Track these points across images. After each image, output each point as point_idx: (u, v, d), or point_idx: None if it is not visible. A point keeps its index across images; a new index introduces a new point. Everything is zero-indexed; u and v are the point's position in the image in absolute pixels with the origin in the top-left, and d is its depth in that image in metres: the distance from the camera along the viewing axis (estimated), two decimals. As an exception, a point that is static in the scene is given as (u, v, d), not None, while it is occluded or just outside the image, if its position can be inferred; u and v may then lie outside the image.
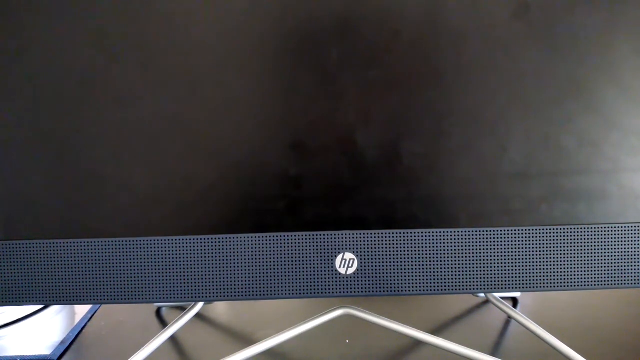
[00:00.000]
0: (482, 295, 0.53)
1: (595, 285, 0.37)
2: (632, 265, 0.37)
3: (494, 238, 0.37)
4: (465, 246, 0.37)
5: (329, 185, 0.36)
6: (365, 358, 0.43)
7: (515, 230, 0.37)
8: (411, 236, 0.37)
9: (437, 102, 0.36)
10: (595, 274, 0.37)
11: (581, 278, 0.37)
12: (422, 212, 0.36)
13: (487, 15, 0.35)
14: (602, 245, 0.37)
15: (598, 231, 0.37)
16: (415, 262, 0.37)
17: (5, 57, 0.35)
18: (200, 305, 0.48)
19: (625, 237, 0.37)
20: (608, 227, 0.37)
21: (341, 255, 0.37)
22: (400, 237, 0.37)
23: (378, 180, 0.36)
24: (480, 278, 0.37)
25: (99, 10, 0.34)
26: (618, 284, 0.37)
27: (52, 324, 0.51)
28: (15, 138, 0.35)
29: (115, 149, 0.36)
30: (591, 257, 0.37)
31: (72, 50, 0.35)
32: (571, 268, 0.37)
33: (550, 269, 0.37)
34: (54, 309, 0.53)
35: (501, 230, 0.36)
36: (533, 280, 0.37)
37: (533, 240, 0.37)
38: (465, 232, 0.36)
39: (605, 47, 0.35)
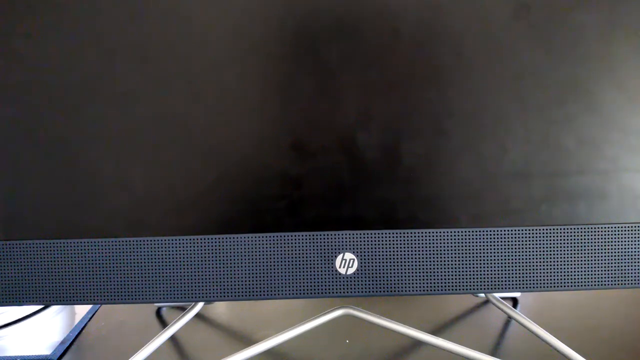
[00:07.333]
0: (482, 295, 0.53)
1: (595, 285, 0.37)
2: (632, 265, 0.37)
3: (494, 238, 0.37)
4: (465, 246, 0.37)
5: (329, 185, 0.36)
6: (365, 358, 0.43)
7: (515, 230, 0.37)
8: (411, 236, 0.37)
9: (437, 102, 0.36)
10: (595, 274, 0.37)
11: (581, 278, 0.37)
12: (422, 212, 0.36)
13: (487, 16, 0.35)
14: (602, 245, 0.37)
15: (598, 231, 0.37)
16: (415, 262, 0.37)
17: (5, 56, 0.35)
18: (200, 305, 0.48)
19: (625, 237, 0.37)
20: (608, 227, 0.37)
21: (341, 255, 0.37)
22: (400, 237, 0.37)
23: (378, 180, 0.36)
24: (480, 278, 0.37)
25: (98, 10, 0.34)
26: (618, 284, 0.37)
27: (52, 324, 0.51)
28: (15, 138, 0.35)
29: (115, 149, 0.36)
30: (591, 257, 0.37)
31: (72, 49, 0.35)
32: (571, 268, 0.37)
33: (550, 269, 0.37)
34: (54, 309, 0.53)
35: (501, 230, 0.36)
36: (533, 280, 0.37)
37: (533, 240, 0.37)
38: (465, 232, 0.36)
39: (605, 47, 0.35)
